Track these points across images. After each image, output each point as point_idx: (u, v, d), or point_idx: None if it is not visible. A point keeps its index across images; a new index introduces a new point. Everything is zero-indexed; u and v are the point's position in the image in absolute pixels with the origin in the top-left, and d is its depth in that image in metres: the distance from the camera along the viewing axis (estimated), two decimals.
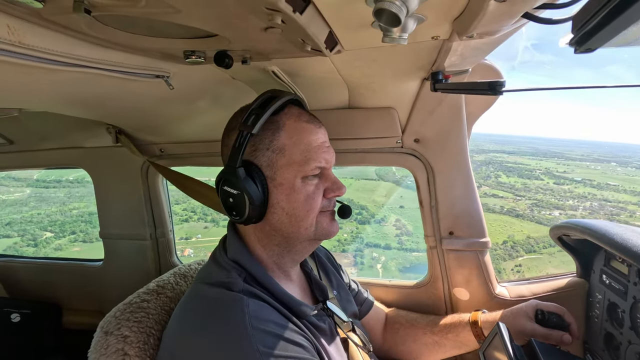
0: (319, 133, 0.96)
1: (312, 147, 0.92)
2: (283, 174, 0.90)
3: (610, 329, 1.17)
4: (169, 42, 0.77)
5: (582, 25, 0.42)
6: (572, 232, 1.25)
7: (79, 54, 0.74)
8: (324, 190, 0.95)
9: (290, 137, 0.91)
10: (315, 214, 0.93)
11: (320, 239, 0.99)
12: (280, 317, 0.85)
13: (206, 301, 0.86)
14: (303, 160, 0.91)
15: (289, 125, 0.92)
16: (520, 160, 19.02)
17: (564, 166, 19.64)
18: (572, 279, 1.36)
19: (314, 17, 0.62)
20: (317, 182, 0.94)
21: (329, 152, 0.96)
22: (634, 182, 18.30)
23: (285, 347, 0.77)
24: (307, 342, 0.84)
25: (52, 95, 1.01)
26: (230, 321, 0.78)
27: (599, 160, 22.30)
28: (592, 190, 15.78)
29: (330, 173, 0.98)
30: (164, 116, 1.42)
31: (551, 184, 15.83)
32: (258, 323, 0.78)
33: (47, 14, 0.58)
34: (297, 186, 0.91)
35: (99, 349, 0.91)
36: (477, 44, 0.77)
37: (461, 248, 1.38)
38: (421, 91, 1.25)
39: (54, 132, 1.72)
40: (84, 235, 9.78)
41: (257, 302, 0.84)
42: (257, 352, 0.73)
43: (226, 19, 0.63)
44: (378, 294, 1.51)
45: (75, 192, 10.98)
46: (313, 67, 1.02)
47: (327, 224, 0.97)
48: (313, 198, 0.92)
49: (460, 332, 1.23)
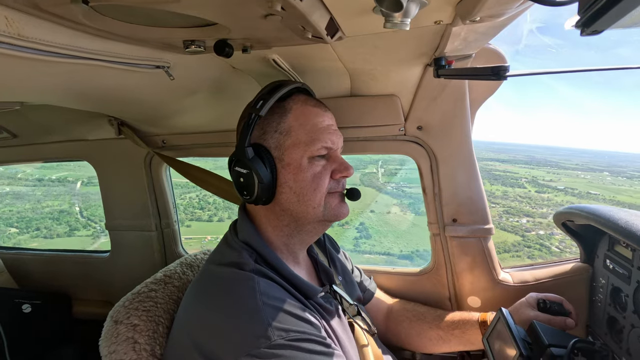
0: (325, 116, 0.99)
1: (317, 128, 0.96)
2: (290, 154, 0.94)
3: (613, 313, 1.17)
4: (168, 32, 0.76)
5: (589, 7, 0.41)
6: (576, 218, 1.25)
7: (78, 45, 0.74)
8: (331, 171, 0.97)
9: (296, 119, 0.96)
10: (323, 193, 0.96)
11: (329, 220, 1.00)
12: (289, 295, 0.88)
13: (219, 280, 0.89)
14: (309, 140, 0.94)
15: (296, 108, 0.97)
16: (510, 169, 19.19)
17: (553, 175, 19.82)
18: (576, 264, 1.36)
19: (314, 3, 0.61)
20: (324, 163, 0.97)
21: (335, 134, 0.99)
22: (617, 191, 18.64)
23: (294, 322, 0.80)
24: (315, 320, 0.86)
25: (52, 87, 1.01)
26: (242, 298, 0.82)
27: (592, 170, 22.41)
28: (572, 199, 15.97)
29: (338, 155, 1.00)
30: (165, 107, 1.42)
31: (533, 192, 15.95)
32: (268, 299, 0.81)
33: (44, 5, 0.57)
34: (304, 165, 0.94)
35: (109, 338, 0.93)
36: (481, 27, 0.75)
37: (464, 235, 1.39)
38: (424, 78, 1.23)
39: (57, 125, 1.72)
40: (47, 231, 10.00)
41: (267, 281, 0.87)
42: (269, 325, 0.76)
43: (225, 7, 0.62)
44: (382, 281, 1.53)
45: (52, 191, 11.17)
46: (314, 55, 1.01)
47: (336, 205, 0.99)
48: (320, 177, 0.95)
49: (467, 330, 1.23)
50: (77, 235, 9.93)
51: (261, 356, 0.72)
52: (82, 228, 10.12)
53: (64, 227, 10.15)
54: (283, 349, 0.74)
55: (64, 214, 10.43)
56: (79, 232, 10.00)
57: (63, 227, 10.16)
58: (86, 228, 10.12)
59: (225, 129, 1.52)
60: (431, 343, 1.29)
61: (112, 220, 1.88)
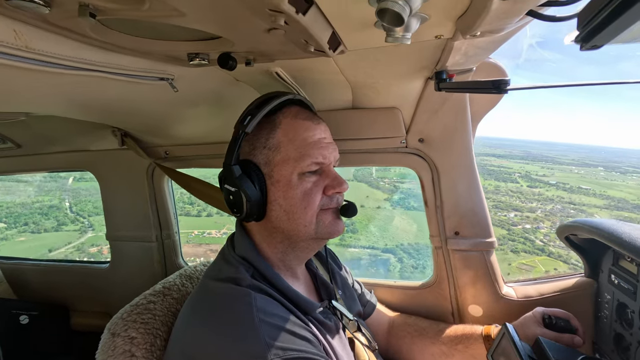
0: (316, 129, 0.95)
1: (307, 142, 0.92)
2: (279, 171, 0.91)
3: (619, 330, 1.15)
4: (173, 45, 0.77)
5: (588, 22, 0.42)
6: (579, 232, 1.24)
7: (84, 57, 0.75)
8: (324, 187, 0.94)
9: (285, 134, 0.92)
10: (314, 211, 0.92)
11: (323, 238, 0.97)
12: (286, 312, 0.86)
13: (215, 296, 0.87)
14: (298, 156, 0.91)
15: (285, 123, 0.93)
16: (505, 164, 19.33)
17: (547, 170, 19.94)
18: (580, 279, 1.35)
19: (316, 18, 0.62)
20: (316, 179, 0.93)
21: (327, 148, 0.94)
22: (609, 186, 18.65)
23: (292, 340, 0.78)
24: (313, 337, 0.84)
25: (58, 98, 1.02)
26: (239, 314, 0.80)
27: (587, 165, 22.51)
28: (563, 194, 16.02)
29: (331, 169, 0.96)
30: (168, 118, 1.43)
31: (525, 186, 16.01)
32: (265, 316, 0.79)
33: (53, 18, 0.58)
34: (294, 182, 0.91)
35: (106, 350, 0.91)
36: (481, 42, 0.76)
37: (467, 248, 1.37)
38: (425, 91, 1.24)
39: (60, 136, 1.74)
40: (34, 226, 10.02)
41: (264, 297, 0.85)
42: (265, 344, 0.74)
43: (229, 21, 0.64)
44: (383, 295, 1.51)
45: (44, 186, 11.22)
46: (316, 68, 1.03)
47: (330, 222, 0.95)
48: (310, 195, 0.92)
49: (471, 344, 1.20)
50: (65, 230, 9.95)
51: None
52: (70, 223, 10.14)
53: (52, 222, 10.19)
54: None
55: (53, 209, 10.48)
56: (66, 227, 10.02)
57: (51, 222, 10.18)
58: (74, 223, 10.14)
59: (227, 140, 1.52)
60: (434, 359, 1.26)
61: (113, 230, 1.88)
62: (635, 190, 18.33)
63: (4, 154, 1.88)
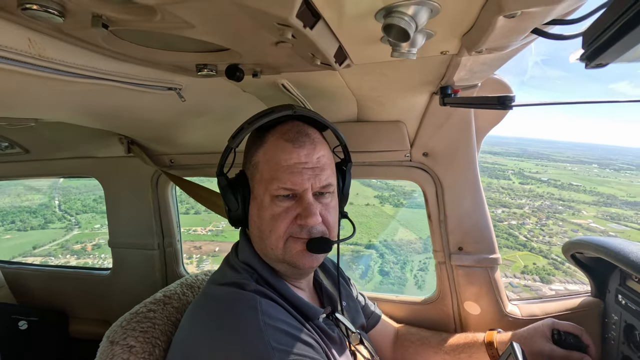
0: (294, 153, 0.88)
1: (279, 166, 0.88)
2: (257, 189, 0.92)
3: (627, 352, 1.12)
4: (182, 56, 0.79)
5: (593, 41, 0.42)
6: (585, 250, 1.22)
7: (95, 66, 0.76)
8: (296, 215, 0.88)
9: (265, 154, 0.91)
10: (279, 236, 0.89)
11: (292, 265, 0.92)
12: (290, 317, 0.86)
13: (220, 300, 0.88)
14: (269, 178, 0.89)
15: (270, 142, 0.91)
16: (500, 161, 19.40)
17: (541, 167, 19.97)
18: (587, 298, 1.32)
19: (323, 32, 0.63)
20: (289, 205, 0.89)
21: (301, 174, 0.87)
22: (600, 183, 18.69)
23: (296, 345, 0.78)
24: (316, 344, 0.84)
25: (68, 106, 1.03)
26: (244, 318, 0.80)
27: (582, 162, 22.60)
28: (553, 190, 16.21)
29: (306, 197, 0.88)
30: (175, 127, 1.44)
31: (516, 183, 16.20)
32: (270, 320, 0.79)
33: (67, 28, 0.60)
34: (266, 204, 0.89)
35: (104, 359, 0.91)
36: (486, 59, 0.77)
37: (470, 264, 1.36)
38: (430, 105, 1.25)
39: (68, 142, 1.76)
40: (21, 224, 10.18)
41: (269, 302, 0.85)
42: (270, 347, 0.74)
43: (238, 34, 0.65)
44: (385, 309, 1.49)
45: (35, 185, 11.34)
46: (322, 81, 1.04)
47: (297, 252, 0.89)
48: (277, 220, 0.88)
49: (474, 353, 1.19)
50: (51, 227, 10.12)
51: None
52: (57, 221, 10.29)
53: (40, 220, 10.38)
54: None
55: (42, 208, 10.57)
56: (53, 225, 10.21)
57: (39, 219, 10.35)
58: (61, 220, 10.31)
59: None
60: None
61: (115, 237, 1.88)
62: (626, 187, 18.40)
63: (13, 158, 1.90)
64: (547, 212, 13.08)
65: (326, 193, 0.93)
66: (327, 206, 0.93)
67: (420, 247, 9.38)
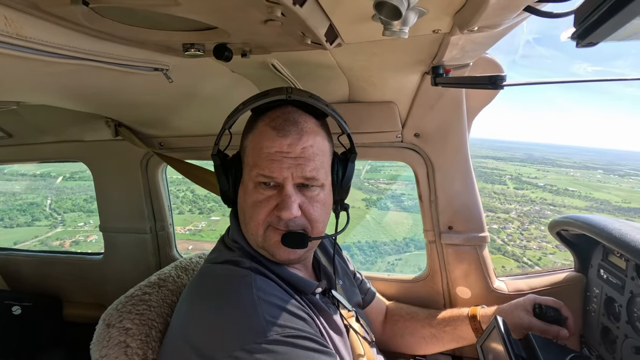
0: (276, 141, 0.86)
1: (262, 152, 0.87)
2: (245, 174, 0.93)
3: (607, 323, 1.18)
4: (168, 35, 0.76)
5: (584, 19, 0.42)
6: (570, 227, 1.26)
7: (77, 46, 0.74)
8: (276, 204, 0.87)
9: (252, 140, 0.91)
10: (259, 224, 0.89)
11: (272, 255, 0.92)
12: (284, 293, 0.88)
13: (215, 277, 0.90)
14: (252, 164, 0.89)
15: (259, 127, 0.90)
16: (501, 166, 19.62)
17: (542, 172, 20.13)
18: (570, 273, 1.37)
19: (314, 10, 0.62)
20: (271, 194, 0.88)
21: (281, 163, 0.85)
22: (598, 188, 18.88)
23: (289, 318, 0.80)
24: (309, 317, 0.86)
25: (50, 88, 1.00)
26: (239, 293, 0.82)
27: (587, 167, 22.79)
28: (547, 195, 16.37)
29: (287, 189, 0.86)
30: (163, 110, 1.41)
31: (511, 188, 16.31)
32: (264, 295, 0.81)
33: (44, 5, 0.57)
34: (249, 189, 0.90)
35: (101, 341, 0.92)
36: (478, 37, 0.76)
37: (460, 242, 1.39)
38: (421, 85, 1.24)
39: (52, 126, 1.71)
40: (9, 221, 10.35)
41: (263, 278, 0.87)
42: (264, 320, 0.76)
43: (226, 12, 0.63)
44: (378, 287, 1.52)
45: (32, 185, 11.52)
46: (313, 61, 1.02)
47: (274, 243, 0.90)
48: (257, 206, 0.88)
49: (458, 326, 1.25)
50: (37, 225, 10.23)
51: (256, 351, 0.72)
52: (44, 219, 10.39)
53: (27, 218, 10.52)
54: (278, 345, 0.73)
55: (32, 206, 10.67)
56: (39, 223, 10.29)
57: (26, 217, 10.49)
58: (47, 218, 10.40)
59: None
60: (425, 342, 1.31)
61: (106, 222, 1.87)
62: (625, 193, 18.72)
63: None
64: (532, 217, 13.32)
65: (312, 186, 0.90)
66: (312, 199, 0.90)
67: (392, 249, 9.60)
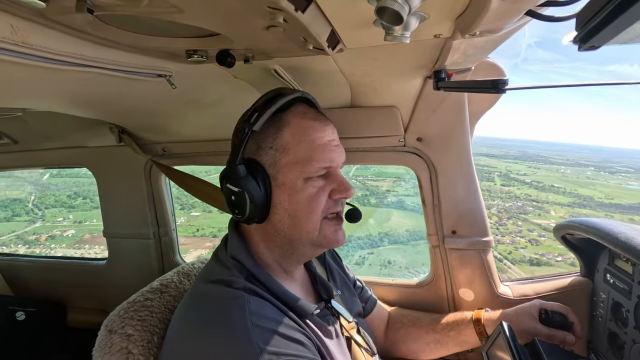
0: (325, 131, 0.91)
1: (316, 145, 0.88)
2: (285, 173, 0.87)
3: (614, 329, 1.16)
4: (171, 42, 0.77)
5: (586, 23, 0.42)
6: (575, 231, 1.24)
7: (82, 53, 0.74)
8: (330, 191, 0.90)
9: (293, 135, 0.88)
10: (318, 217, 0.89)
11: (323, 247, 0.95)
12: (280, 314, 0.84)
13: (207, 298, 0.85)
14: (306, 159, 0.87)
15: (294, 122, 0.89)
16: (492, 163, 19.70)
17: (531, 169, 20.17)
18: (576, 278, 1.35)
19: (316, 16, 0.62)
20: (322, 184, 0.90)
21: (335, 151, 0.91)
22: (584, 185, 18.91)
23: (285, 344, 0.77)
24: (307, 340, 0.83)
25: (55, 95, 1.01)
26: (231, 318, 0.78)
27: (579, 165, 22.86)
28: (532, 192, 16.48)
29: (338, 173, 0.92)
30: (166, 115, 1.42)
31: (498, 185, 16.41)
32: (258, 320, 0.77)
33: (50, 13, 0.58)
34: (299, 186, 0.87)
35: (103, 347, 0.91)
36: (480, 42, 0.76)
37: (464, 247, 1.38)
38: (424, 90, 1.24)
39: (57, 132, 1.73)
40: None
41: (258, 300, 0.83)
42: (257, 348, 0.72)
43: (228, 18, 0.63)
44: (380, 293, 1.51)
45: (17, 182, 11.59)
46: (315, 66, 1.02)
47: (332, 232, 0.92)
48: (315, 200, 0.88)
49: (462, 330, 1.23)
50: (17, 220, 10.44)
51: None
52: (25, 214, 10.55)
53: (7, 213, 10.72)
54: None
55: (15, 202, 10.84)
56: (19, 218, 10.48)
57: (6, 212, 10.69)
58: (28, 214, 10.55)
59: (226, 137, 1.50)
60: (429, 347, 1.29)
61: (110, 227, 1.88)
62: (610, 189, 18.67)
63: (1, 149, 1.87)
64: (512, 213, 13.26)
65: (341, 168, 0.97)
66: None
67: (366, 243, 9.57)
